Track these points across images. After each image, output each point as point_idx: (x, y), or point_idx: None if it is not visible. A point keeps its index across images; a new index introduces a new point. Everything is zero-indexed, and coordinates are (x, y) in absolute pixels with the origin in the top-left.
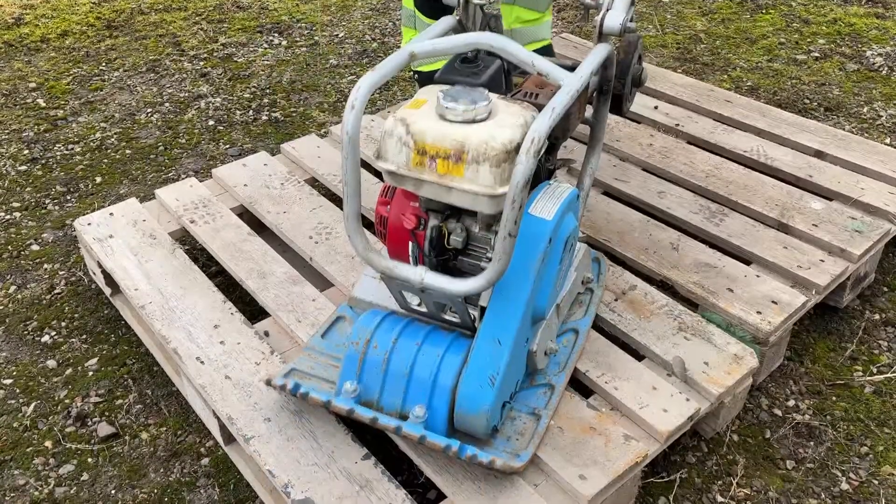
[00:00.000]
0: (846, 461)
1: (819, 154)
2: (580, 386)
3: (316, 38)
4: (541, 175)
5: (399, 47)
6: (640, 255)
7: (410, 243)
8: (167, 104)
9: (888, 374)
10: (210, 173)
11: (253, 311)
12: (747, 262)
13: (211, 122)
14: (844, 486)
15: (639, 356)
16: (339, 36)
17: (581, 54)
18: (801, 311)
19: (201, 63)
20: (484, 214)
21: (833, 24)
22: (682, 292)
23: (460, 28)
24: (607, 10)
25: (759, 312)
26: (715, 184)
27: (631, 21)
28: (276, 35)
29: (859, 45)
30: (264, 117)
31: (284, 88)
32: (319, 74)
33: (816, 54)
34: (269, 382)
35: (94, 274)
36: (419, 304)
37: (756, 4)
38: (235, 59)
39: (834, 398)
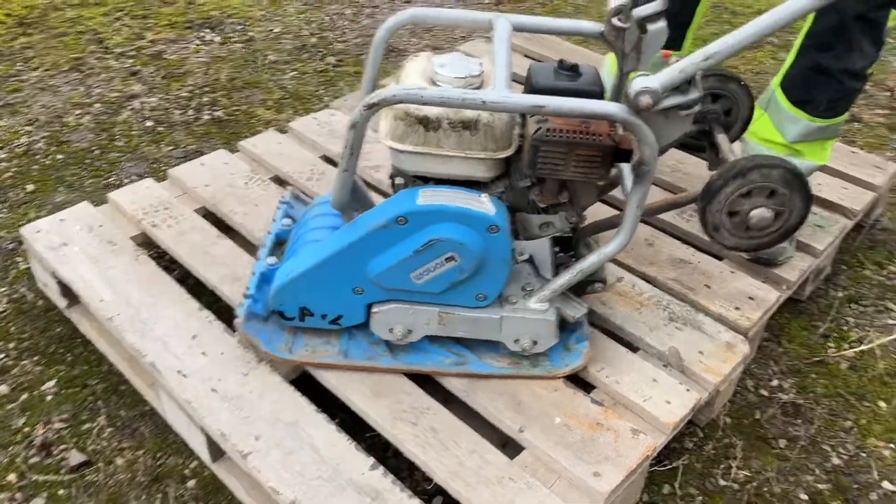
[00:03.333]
0: (833, 436)
1: None
2: (580, 381)
3: (250, 33)
4: (520, 203)
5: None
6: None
7: None
8: (97, 105)
9: (860, 349)
10: (161, 175)
11: (229, 317)
12: (719, 258)
13: (149, 123)
14: (836, 460)
15: (633, 347)
16: (275, 31)
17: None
18: (775, 306)
19: (129, 61)
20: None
21: (759, 14)
22: (662, 288)
23: (602, 38)
24: (645, 74)
25: (737, 308)
26: (681, 179)
27: (686, 109)
28: (207, 31)
29: (786, 35)
30: (206, 116)
31: (224, 86)
32: (259, 71)
33: None
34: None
35: (46, 286)
36: None
37: None
38: (166, 56)
39: (813, 375)
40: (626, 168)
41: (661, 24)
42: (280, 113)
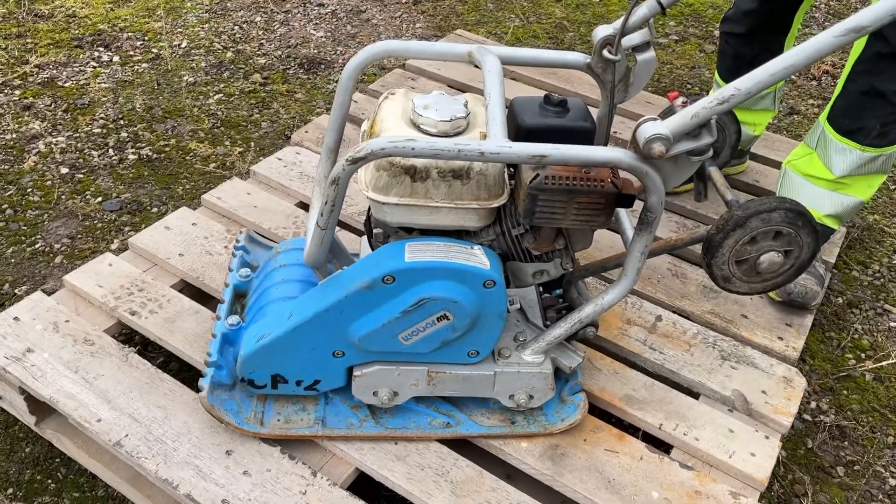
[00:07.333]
0: (881, 455)
1: (752, 157)
2: (654, 440)
3: (154, 50)
4: (512, 251)
5: None
6: (647, 286)
7: None
8: None
9: (881, 364)
10: (99, 235)
11: None
12: None
13: (64, 170)
14: (892, 481)
15: (692, 392)
16: (183, 46)
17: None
18: (808, 329)
19: (17, 92)
20: None
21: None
22: (702, 324)
23: (588, 70)
24: (653, 119)
25: (780, 338)
26: (682, 197)
27: (698, 155)
28: (101, 49)
29: (704, 25)
30: (131, 156)
31: (142, 117)
32: (178, 95)
33: (675, 37)
34: None
35: (2, 399)
36: None
37: None
38: (60, 83)
39: (845, 392)
40: (621, 210)
41: (651, 54)
42: (216, 146)
